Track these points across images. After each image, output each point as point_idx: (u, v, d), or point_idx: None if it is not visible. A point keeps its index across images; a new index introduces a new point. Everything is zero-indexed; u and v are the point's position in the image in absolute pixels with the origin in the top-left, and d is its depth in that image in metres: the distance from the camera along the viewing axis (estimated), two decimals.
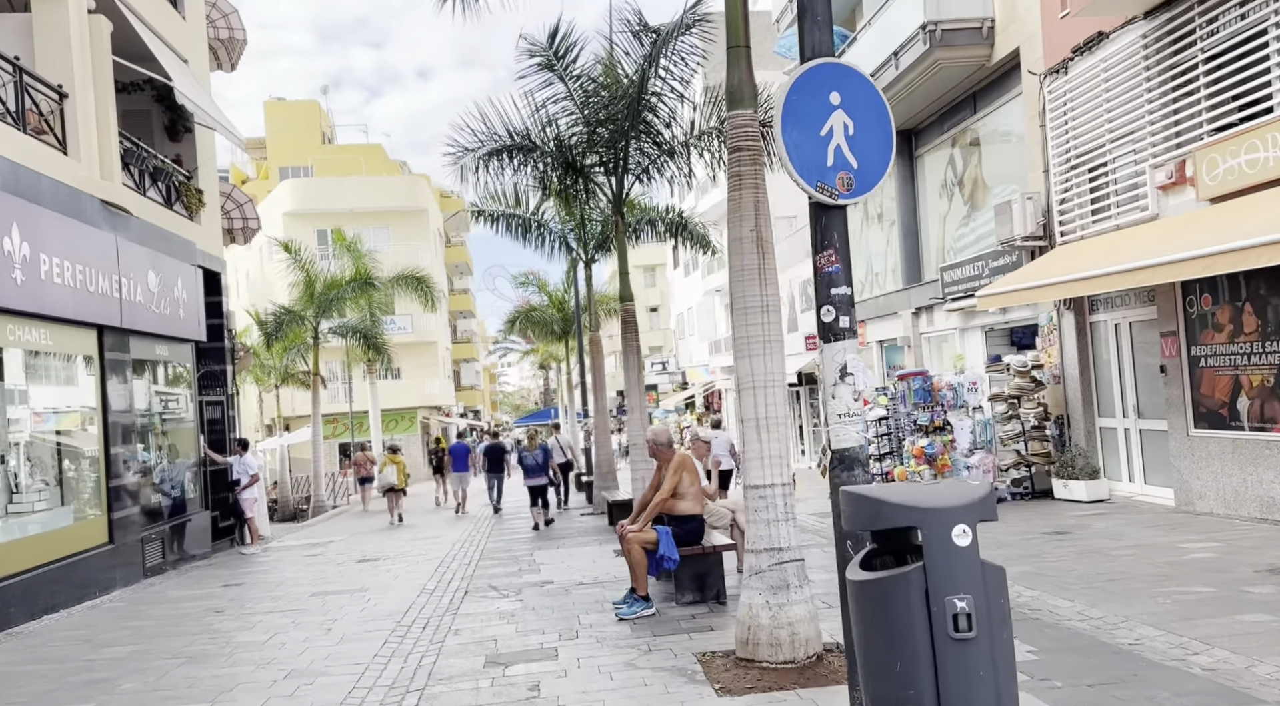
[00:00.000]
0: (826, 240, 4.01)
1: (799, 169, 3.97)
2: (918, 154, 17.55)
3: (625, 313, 11.28)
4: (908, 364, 17.74)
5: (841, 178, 4.00)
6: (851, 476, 3.82)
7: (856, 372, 3.79)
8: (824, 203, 4.04)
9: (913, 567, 2.94)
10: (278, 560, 13.38)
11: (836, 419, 3.85)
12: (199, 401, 14.64)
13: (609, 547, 11.69)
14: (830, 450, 3.95)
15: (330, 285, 26.35)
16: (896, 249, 18.54)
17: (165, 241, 13.15)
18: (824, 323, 3.96)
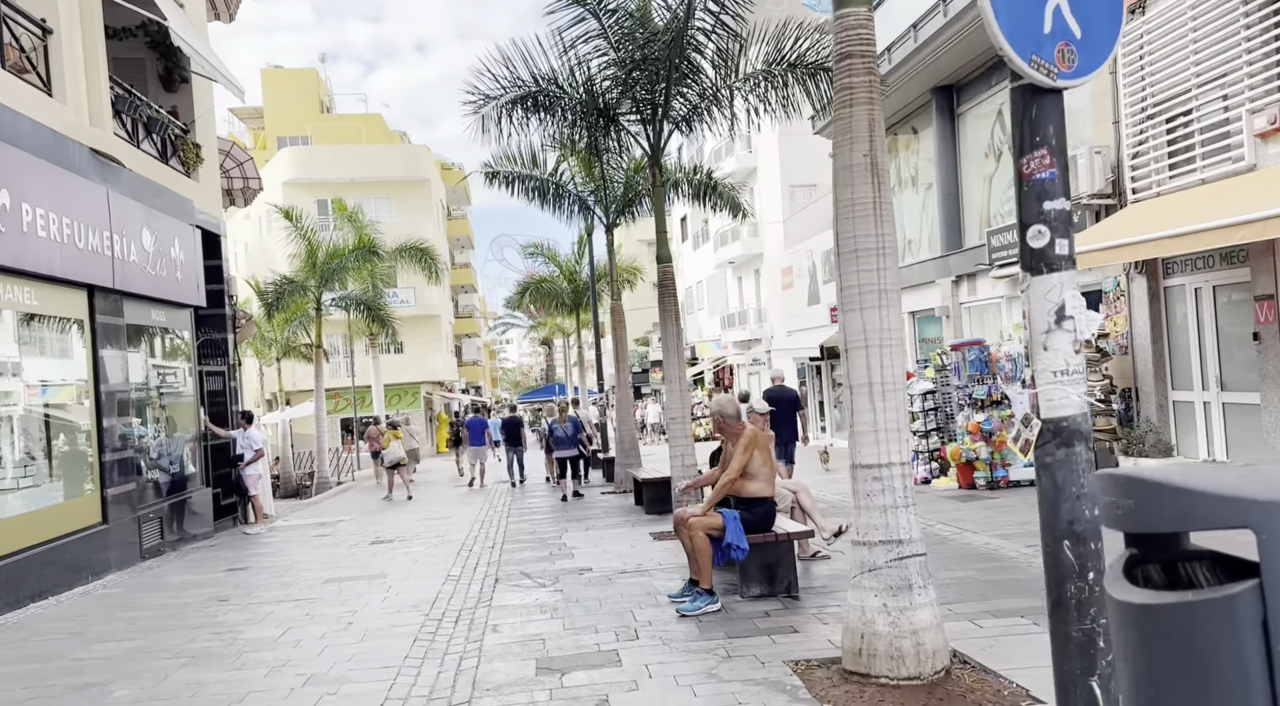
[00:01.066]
0: (1038, 136, 3.03)
1: (1009, 35, 2.98)
2: (960, 112, 16.52)
3: (664, 275, 10.34)
4: (946, 336, 16.82)
5: (1060, 51, 3.03)
6: (1071, 454, 2.90)
7: (1077, 315, 2.86)
8: (1039, 84, 3.06)
9: (1242, 587, 2.05)
10: (284, 541, 12.51)
11: (1050, 378, 2.92)
12: (199, 371, 13.71)
13: (643, 530, 10.83)
14: (1037, 420, 3.01)
15: (333, 254, 25.35)
16: (934, 214, 17.55)
17: (160, 197, 12.17)
18: (1032, 248, 3.00)
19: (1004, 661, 4.76)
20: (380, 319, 27.51)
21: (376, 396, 37.70)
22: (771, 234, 28.74)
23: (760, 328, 30.33)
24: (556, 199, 16.09)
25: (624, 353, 16.18)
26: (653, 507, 12.21)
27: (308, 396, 36.71)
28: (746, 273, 32.54)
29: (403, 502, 17.21)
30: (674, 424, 10.24)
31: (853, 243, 4.65)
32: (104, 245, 10.22)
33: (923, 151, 18.09)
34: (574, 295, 26.41)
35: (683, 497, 10.00)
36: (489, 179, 16.06)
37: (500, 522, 12.92)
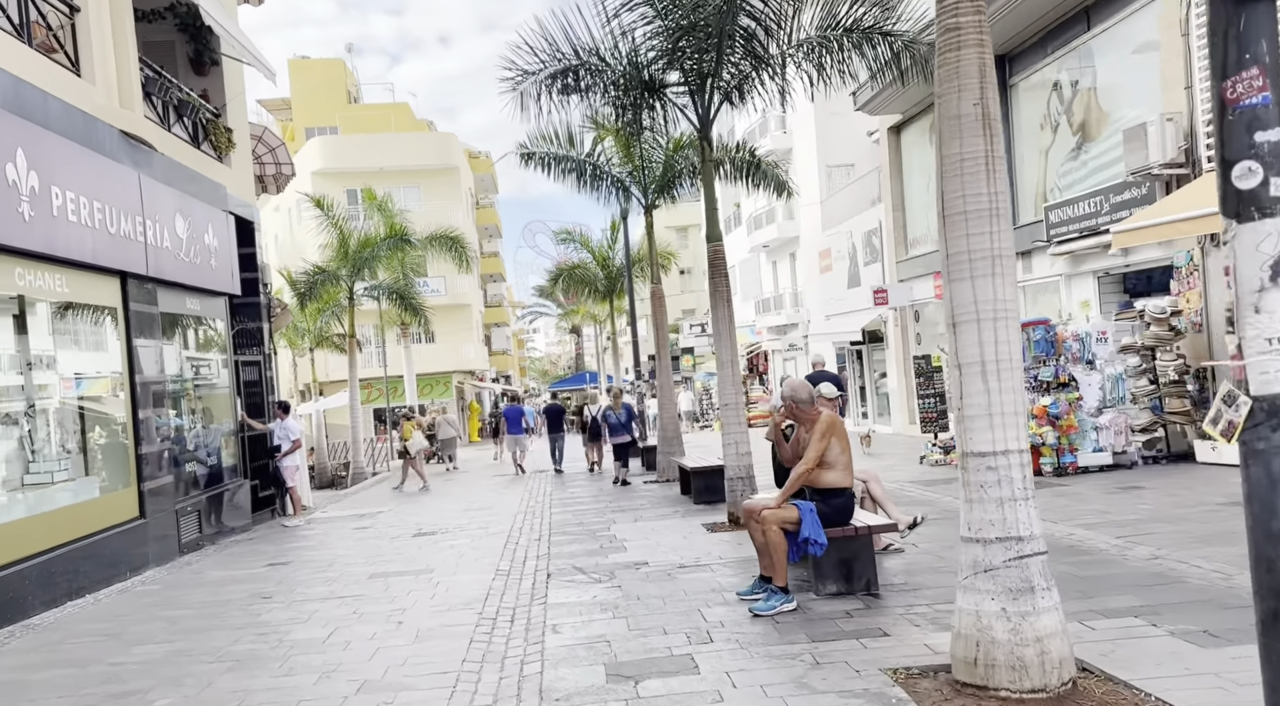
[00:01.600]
0: (1247, 52, 2.49)
1: None
2: (1012, 83, 15.84)
3: (714, 254, 9.85)
4: None
5: None
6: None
7: None
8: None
9: None
10: (324, 533, 12.22)
11: (1263, 347, 2.42)
12: (234, 361, 13.44)
13: (694, 521, 10.40)
14: (1245, 397, 2.52)
15: (364, 243, 25.11)
16: None
17: (193, 183, 11.86)
18: (1239, 189, 2.49)
19: (1131, 669, 4.27)
20: (413, 307, 27.24)
21: (409, 386, 37.58)
22: (808, 216, 28.10)
23: (796, 312, 29.73)
24: (594, 180, 15.62)
25: (664, 338, 15.73)
26: (701, 497, 11.78)
27: (341, 387, 36.64)
28: (781, 256, 31.93)
29: (438, 493, 16.90)
30: (727, 410, 9.78)
31: (961, 203, 4.16)
32: (136, 231, 9.91)
33: None
34: (607, 281, 26.00)
35: (738, 486, 9.55)
36: (524, 160, 15.62)
37: (543, 513, 12.55)
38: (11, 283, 7.92)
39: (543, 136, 15.61)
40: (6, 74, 7.78)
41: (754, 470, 9.78)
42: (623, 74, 10.31)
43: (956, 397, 4.24)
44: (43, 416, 8.64)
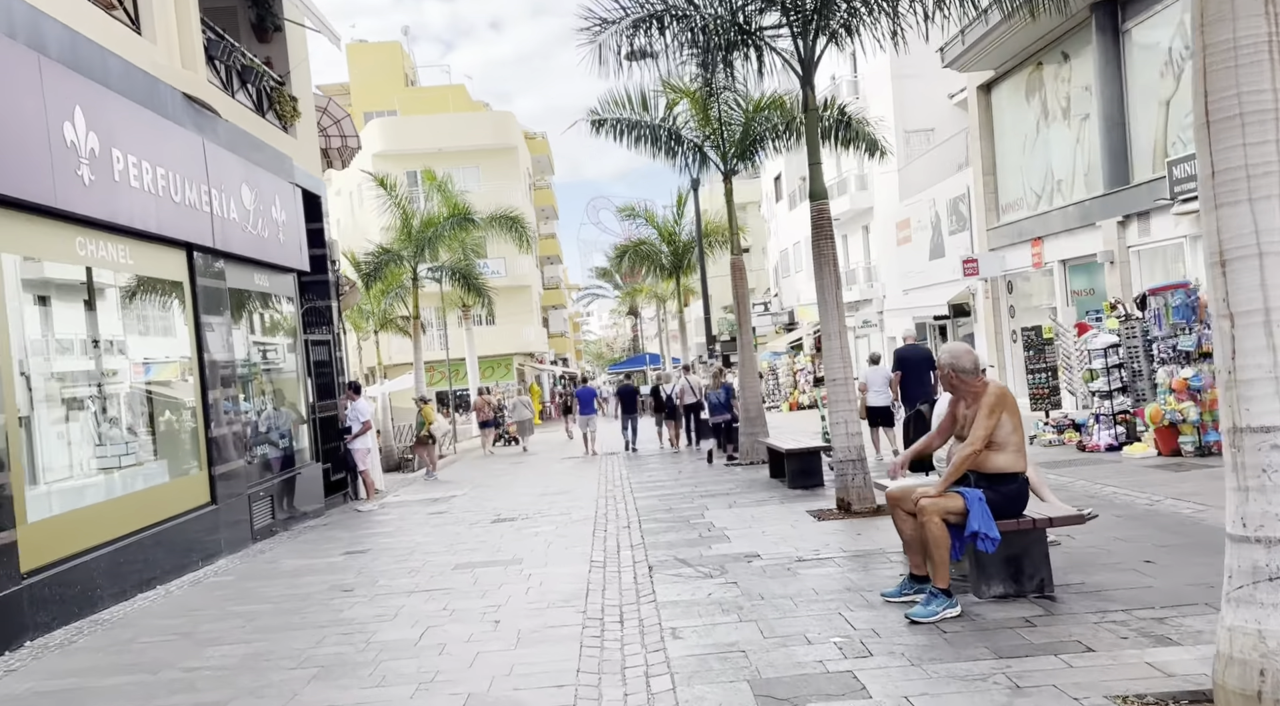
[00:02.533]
0: None
1: None
2: (1126, 28, 14.54)
3: (819, 214, 8.94)
4: (1109, 285, 14.96)
5: None
6: None
7: None
8: None
9: None
10: (400, 519, 11.66)
11: None
12: (304, 341, 12.93)
13: (796, 508, 9.56)
14: None
15: (427, 223, 24.64)
16: (1093, 147, 15.63)
17: (258, 152, 11.31)
18: None
19: None
20: (476, 288, 26.74)
21: (470, 369, 37.24)
22: (883, 186, 26.86)
23: (870, 287, 28.54)
24: (669, 146, 14.77)
25: (746, 312, 14.85)
26: (797, 481, 10.93)
27: (404, 370, 36.48)
28: (853, 229, 30.68)
29: (512, 476, 16.29)
30: (835, 386, 8.89)
31: (1234, 103, 3.22)
32: (202, 200, 9.36)
33: (1075, 78, 16.14)
34: (673, 258, 25.12)
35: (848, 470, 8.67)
36: (595, 127, 14.84)
37: (626, 497, 11.83)
38: (71, 252, 7.38)
39: (615, 101, 14.83)
40: (63, 27, 7.21)
41: (865, 452, 8.88)
42: (714, 17, 9.41)
43: (1224, 357, 3.32)
44: (111, 399, 8.14)
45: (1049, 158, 17.35)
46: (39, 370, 7.06)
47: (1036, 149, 17.80)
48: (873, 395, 12.98)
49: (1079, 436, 12.33)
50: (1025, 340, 13.64)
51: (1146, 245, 14.24)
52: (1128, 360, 11.42)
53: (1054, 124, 17.01)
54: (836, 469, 8.82)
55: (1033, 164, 18.00)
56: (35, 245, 6.96)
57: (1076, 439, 12.60)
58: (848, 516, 8.55)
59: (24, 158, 6.50)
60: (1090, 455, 11.52)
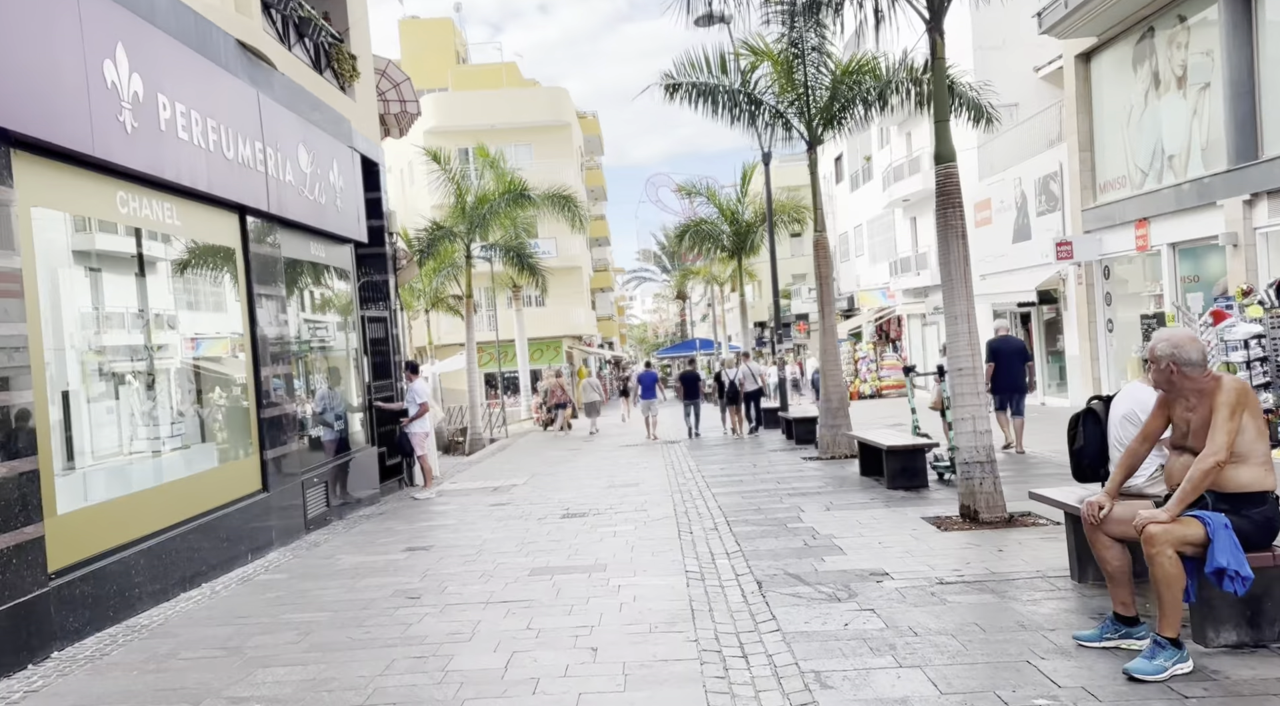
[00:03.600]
0: None
1: None
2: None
3: (945, 178, 7.86)
4: (1233, 270, 13.59)
5: None
6: None
7: None
8: None
9: None
10: (460, 510, 10.83)
11: None
12: (360, 316, 12.13)
13: (907, 513, 8.53)
14: None
15: (481, 199, 23.81)
16: (1214, 119, 14.21)
17: (316, 111, 10.47)
18: None
19: None
20: (530, 267, 25.90)
21: (520, 351, 36.56)
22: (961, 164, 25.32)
23: None
24: (750, 112, 13.68)
25: (830, 293, 13.75)
26: (898, 481, 9.88)
27: (454, 351, 35.92)
28: (924, 211, 29.22)
29: (576, 466, 15.42)
30: (960, 377, 7.80)
31: None
32: (256, 158, 8.53)
33: (1195, 43, 14.71)
34: (735, 238, 24.00)
35: (975, 473, 7.60)
36: (669, 92, 13.80)
37: (703, 492, 10.88)
38: (111, 208, 6.56)
39: (691, 64, 13.77)
40: None
41: (994, 453, 7.80)
42: None
43: None
44: (155, 376, 7.35)
45: (1158, 131, 15.93)
46: (75, 343, 6.27)
47: (1143, 122, 16.37)
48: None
49: None
50: (1145, 329, 12.36)
51: (1278, 227, 12.86)
52: (1272, 353, 10.16)
53: (1166, 94, 15.58)
54: (961, 471, 7.75)
55: (1138, 139, 16.58)
56: (70, 199, 6.15)
57: None
58: (975, 526, 7.50)
59: (58, 98, 5.67)
60: None
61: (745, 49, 13.78)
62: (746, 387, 20.15)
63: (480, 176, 24.63)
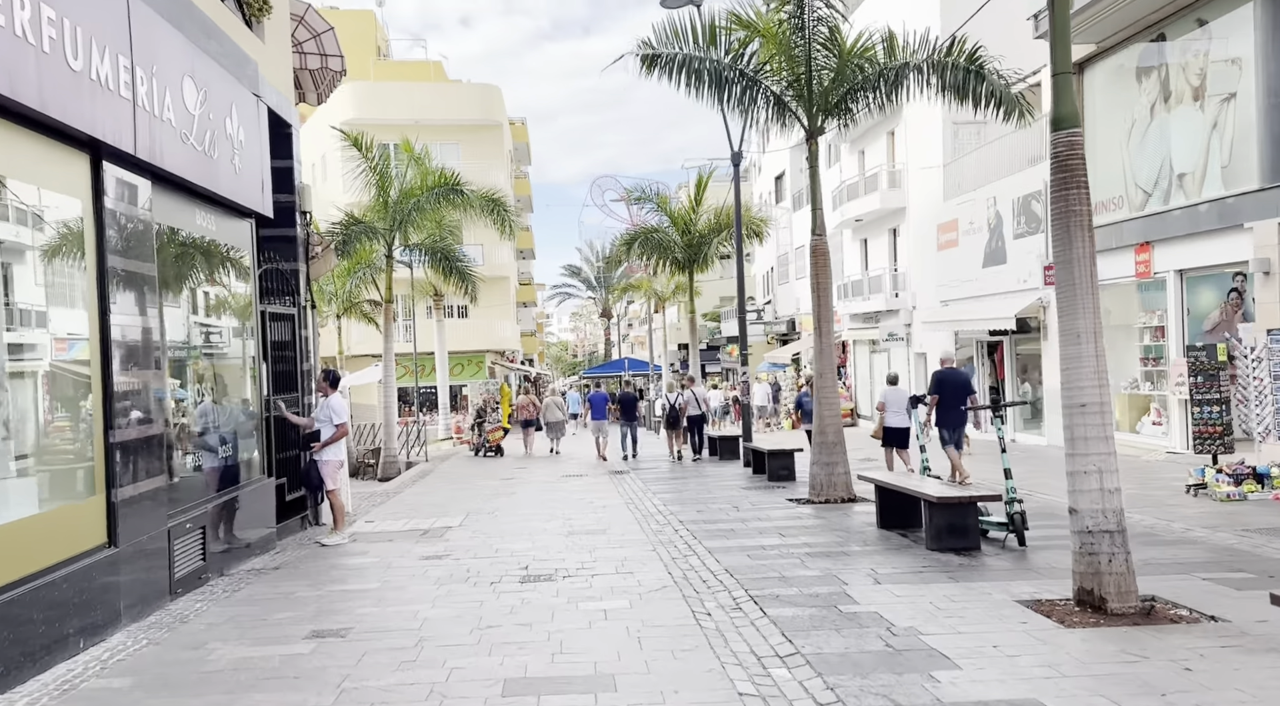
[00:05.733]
0: None
1: None
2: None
3: (1068, 148, 5.94)
4: (1266, 299, 12.23)
5: None
6: None
7: None
8: None
9: None
10: (383, 565, 8.40)
11: None
12: (260, 312, 9.60)
13: (985, 589, 6.56)
14: None
15: (406, 194, 21.28)
16: (1241, 134, 12.92)
17: (212, 41, 8.01)
18: None
19: None
20: (459, 272, 23.42)
21: (440, 364, 33.84)
22: (921, 182, 24.12)
23: (897, 297, 25.77)
24: (743, 93, 11.69)
25: (828, 308, 11.85)
26: (945, 543, 7.93)
27: (365, 362, 32.95)
28: (877, 232, 27.93)
29: (524, 500, 13.05)
30: (1085, 415, 5.85)
31: None
32: (120, 79, 6.06)
33: (1215, 51, 13.44)
34: (687, 250, 22.05)
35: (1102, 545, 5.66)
36: (647, 64, 11.72)
37: (689, 543, 8.76)
38: None
39: (674, 32, 11.73)
40: None
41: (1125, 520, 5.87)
42: None
43: None
44: None
45: (1166, 148, 14.64)
46: None
47: (1148, 138, 15.09)
48: (891, 416, 12.95)
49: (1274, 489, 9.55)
50: (1192, 363, 10.80)
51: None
52: None
53: (1178, 107, 14.31)
54: (1081, 542, 5.80)
55: (1140, 156, 15.30)
56: None
57: (1257, 491, 9.83)
58: (1105, 619, 5.55)
59: None
60: None
61: (735, 22, 11.81)
62: (689, 412, 19.12)
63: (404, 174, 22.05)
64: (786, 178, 38.80)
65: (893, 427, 12.97)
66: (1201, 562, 7.01)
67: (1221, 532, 8.24)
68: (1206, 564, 6.98)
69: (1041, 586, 6.51)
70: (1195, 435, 10.83)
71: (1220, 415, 10.45)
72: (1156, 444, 15.03)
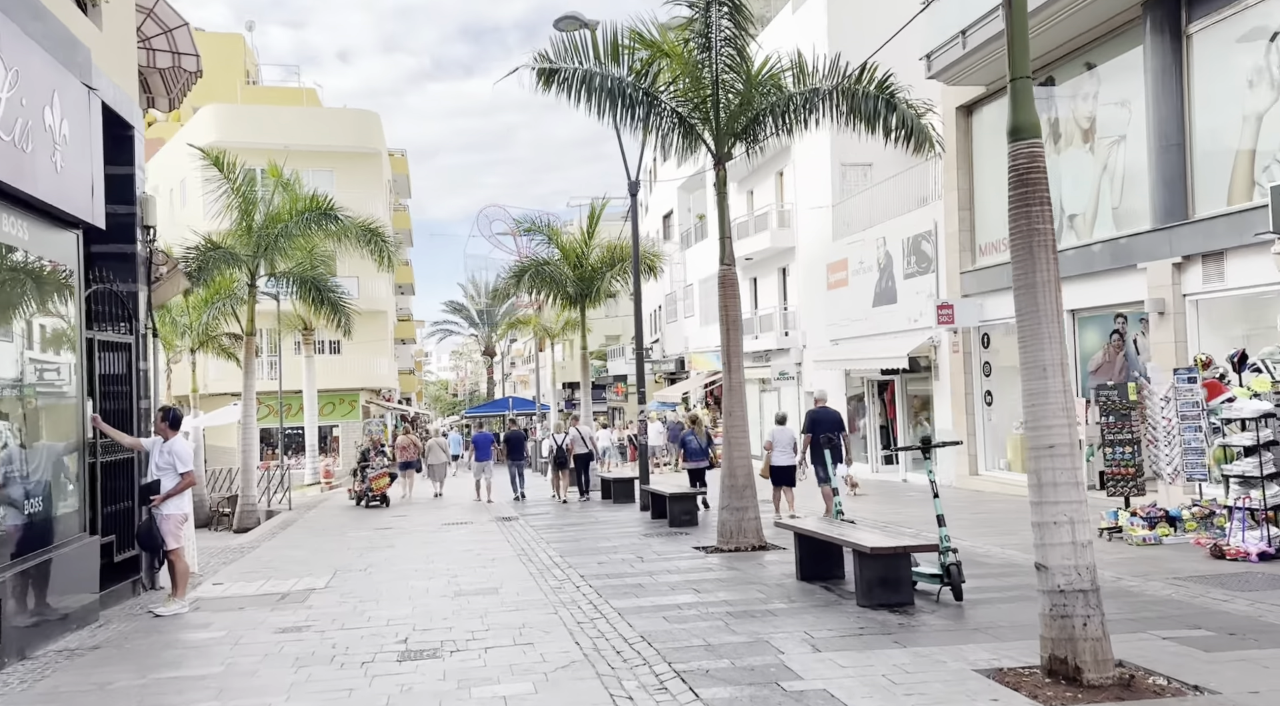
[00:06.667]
0: None
1: None
2: (1190, 31, 12.12)
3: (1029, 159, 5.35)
4: (1155, 343, 12.30)
5: None
6: None
7: None
8: None
9: None
10: (231, 641, 7.03)
11: None
12: (87, 340, 8.10)
13: (935, 656, 5.86)
14: None
15: (273, 218, 19.66)
16: (1131, 176, 13.12)
17: (27, 13, 6.67)
18: None
19: None
20: (333, 304, 21.79)
21: (309, 403, 31.62)
22: (810, 222, 24.11)
23: (787, 336, 25.62)
24: (647, 115, 10.98)
25: (737, 342, 11.15)
26: (876, 597, 7.23)
27: (223, 401, 30.42)
28: (766, 271, 27.84)
29: (402, 551, 11.71)
30: (1054, 458, 5.21)
31: None
32: None
33: (1106, 92, 13.67)
34: (579, 283, 21.22)
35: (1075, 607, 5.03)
36: (544, 79, 10.91)
37: (594, 603, 7.79)
38: None
39: (575, 47, 10.98)
40: None
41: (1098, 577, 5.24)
42: None
43: None
44: None
45: (1058, 189, 14.79)
46: None
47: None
48: (778, 455, 12.95)
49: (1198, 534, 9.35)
50: (1103, 403, 10.60)
51: (1218, 293, 11.66)
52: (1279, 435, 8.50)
53: (1068, 149, 14.50)
54: (1052, 603, 5.13)
55: None
56: None
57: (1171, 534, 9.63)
58: (1080, 693, 4.87)
59: None
60: (1234, 564, 8.44)
61: (638, 41, 11.14)
62: (576, 451, 18.63)
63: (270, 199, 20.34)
64: (675, 216, 38.66)
65: (780, 466, 13.00)
66: (1153, 618, 6.51)
67: (1154, 581, 7.85)
68: (1158, 620, 6.48)
69: (997, 651, 5.82)
70: (1109, 477, 10.60)
71: (1133, 456, 10.25)
72: None
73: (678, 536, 12.03)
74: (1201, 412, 9.50)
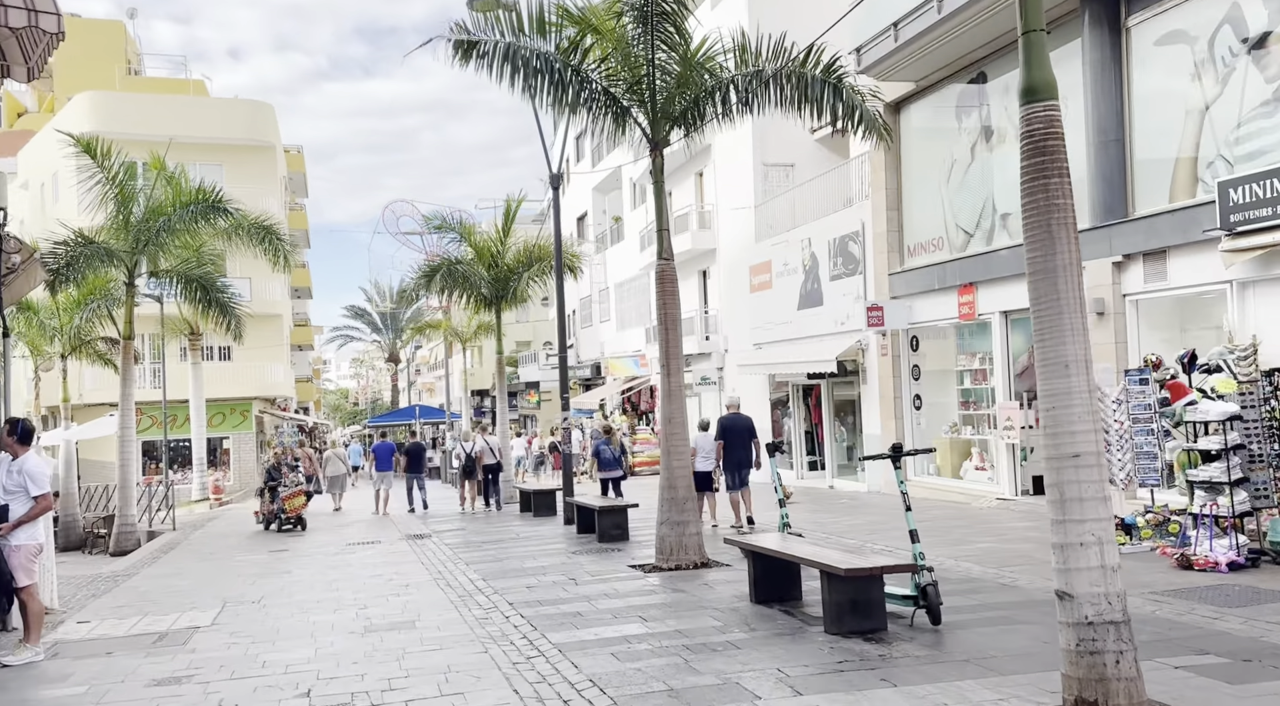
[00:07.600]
0: None
1: None
2: (1130, 24, 11.93)
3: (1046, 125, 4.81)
4: (1093, 345, 12.03)
5: None
6: None
7: None
8: None
9: None
10: (96, 699, 5.80)
11: None
12: None
13: (930, 698, 5.09)
14: None
15: (154, 211, 17.95)
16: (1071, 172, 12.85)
17: None
18: None
19: None
20: (222, 305, 20.09)
21: (195, 414, 29.37)
22: (732, 224, 23.59)
23: (708, 340, 25.02)
24: (578, 94, 10.04)
25: (676, 342, 10.34)
26: (847, 624, 6.48)
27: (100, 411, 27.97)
28: (686, 273, 27.12)
29: (297, 578, 10.43)
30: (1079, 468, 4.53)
31: None
32: None
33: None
34: (494, 284, 20.08)
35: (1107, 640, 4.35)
36: (462, 52, 9.87)
37: (525, 635, 6.80)
38: None
39: (496, 19, 9.99)
40: None
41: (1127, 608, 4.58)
42: None
43: None
44: None
45: (989, 188, 14.55)
46: None
47: (969, 179, 14.98)
48: (700, 461, 12.67)
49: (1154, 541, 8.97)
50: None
51: (1160, 292, 11.45)
52: (1260, 437, 8.15)
53: (1000, 146, 14.23)
54: (1079, 637, 4.44)
55: (961, 197, 15.17)
56: None
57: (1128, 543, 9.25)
58: None
59: None
60: (1205, 575, 8.03)
61: (564, 17, 10.23)
62: (485, 461, 18.25)
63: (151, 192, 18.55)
64: (589, 218, 37.75)
65: (701, 472, 12.63)
66: (1152, 642, 5.92)
67: (1132, 598, 7.31)
68: (1159, 644, 5.91)
69: (1000, 688, 5.12)
70: None
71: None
72: (984, 490, 14.65)
73: (610, 553, 11.12)
74: (1154, 415, 9.13)
